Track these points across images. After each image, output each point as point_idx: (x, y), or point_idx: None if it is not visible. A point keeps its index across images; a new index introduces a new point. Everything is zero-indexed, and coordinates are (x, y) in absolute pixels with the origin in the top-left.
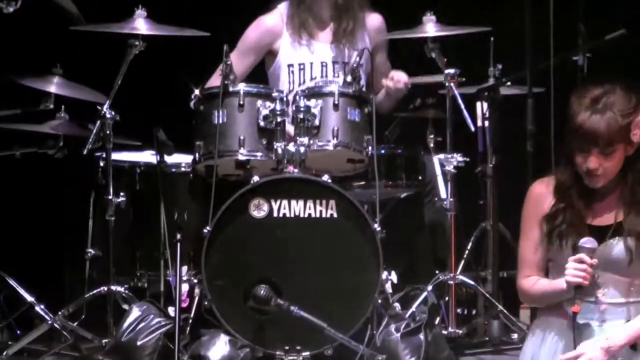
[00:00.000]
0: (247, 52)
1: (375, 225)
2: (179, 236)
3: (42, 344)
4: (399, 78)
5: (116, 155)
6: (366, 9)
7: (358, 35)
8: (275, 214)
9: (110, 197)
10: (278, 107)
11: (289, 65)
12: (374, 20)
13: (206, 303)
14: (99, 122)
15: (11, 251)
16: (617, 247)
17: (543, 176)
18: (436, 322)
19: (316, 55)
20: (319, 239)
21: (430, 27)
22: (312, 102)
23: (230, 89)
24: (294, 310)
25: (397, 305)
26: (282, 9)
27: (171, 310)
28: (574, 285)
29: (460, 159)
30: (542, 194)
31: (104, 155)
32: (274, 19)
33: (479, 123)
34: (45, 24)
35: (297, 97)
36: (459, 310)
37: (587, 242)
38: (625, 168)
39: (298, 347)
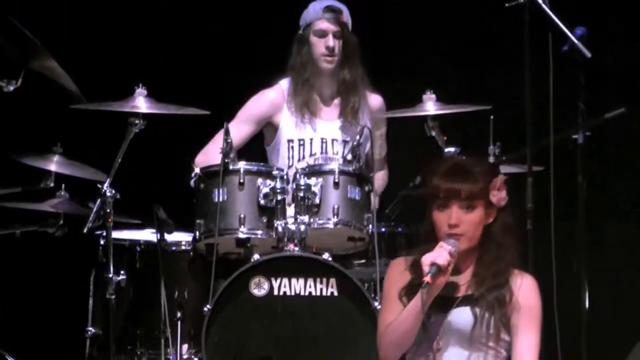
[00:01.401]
0: (246, 122)
1: (376, 304)
2: (179, 314)
3: None
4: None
5: (116, 234)
6: (368, 89)
7: (360, 115)
8: (275, 292)
9: (110, 275)
10: (278, 185)
11: (289, 141)
12: (375, 100)
13: None
14: (99, 200)
15: (12, 329)
16: (462, 316)
17: (544, 255)
18: None
19: (317, 132)
20: (320, 317)
21: (430, 106)
22: (312, 180)
23: (231, 167)
24: None
25: None
26: (283, 85)
27: None
28: (430, 262)
29: None
30: (401, 272)
31: (104, 234)
32: (276, 94)
33: None
34: (45, 102)
35: (298, 175)
36: None
37: (450, 240)
38: (482, 240)
39: None
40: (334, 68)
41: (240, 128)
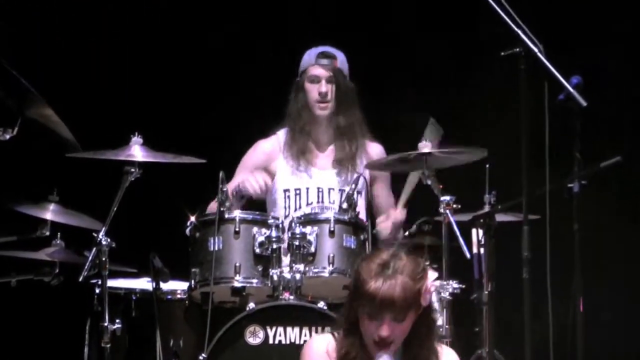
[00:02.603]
0: (245, 173)
1: None
2: None
3: None
4: (390, 220)
5: (112, 282)
6: (367, 137)
7: (358, 161)
8: (271, 341)
9: (106, 323)
10: (274, 233)
11: (285, 190)
12: (375, 149)
13: None
14: (94, 249)
15: None
16: None
17: (539, 304)
18: None
19: (313, 181)
20: None
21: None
22: (307, 229)
23: (226, 215)
24: None
25: None
26: (280, 135)
27: None
28: None
29: (456, 285)
30: (320, 355)
31: (100, 282)
32: (271, 144)
33: (475, 250)
34: (41, 151)
35: (293, 224)
36: None
37: (384, 357)
38: (408, 337)
39: None
40: (329, 114)
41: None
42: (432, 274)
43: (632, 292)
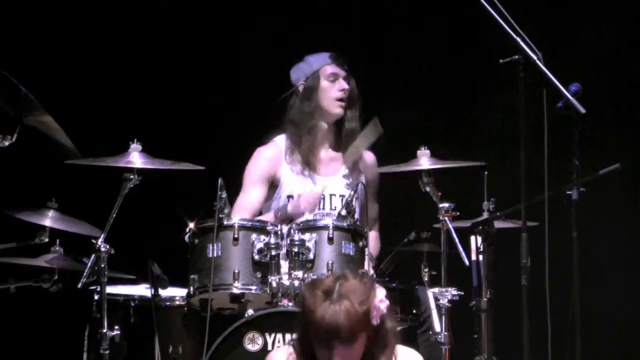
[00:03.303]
0: (257, 184)
1: None
2: None
3: None
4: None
5: (111, 289)
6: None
7: (357, 168)
8: (270, 348)
9: (104, 330)
10: (272, 240)
11: (289, 197)
12: (369, 157)
13: None
14: (93, 255)
15: None
16: None
17: (536, 309)
18: None
19: (315, 188)
20: None
21: (424, 161)
22: (306, 236)
23: (225, 222)
24: None
25: None
26: (279, 141)
27: None
28: None
29: (454, 292)
30: None
31: (99, 289)
32: (272, 151)
33: (473, 257)
34: (40, 158)
35: (292, 231)
36: None
37: None
38: (364, 356)
39: None
40: (342, 114)
41: (253, 192)
42: (380, 292)
43: (631, 299)
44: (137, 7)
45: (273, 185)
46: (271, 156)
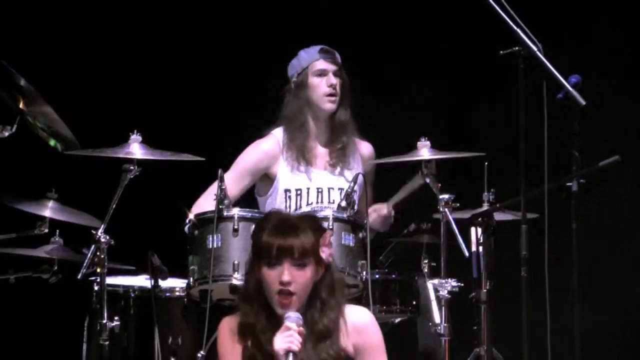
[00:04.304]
0: (243, 175)
1: None
2: None
3: None
4: (378, 214)
5: (110, 280)
6: (356, 135)
7: (352, 160)
8: None
9: (104, 321)
10: None
11: (286, 190)
12: (366, 148)
13: None
14: (93, 246)
15: None
16: None
17: (536, 302)
18: None
19: (313, 182)
20: None
21: (424, 152)
22: None
23: (225, 213)
24: None
25: None
26: (277, 134)
27: None
28: (285, 351)
29: (454, 284)
30: (226, 333)
31: (98, 280)
32: (271, 144)
33: (473, 248)
34: (40, 148)
35: None
36: None
37: (292, 315)
38: (311, 297)
39: None
40: (335, 108)
41: (237, 181)
42: (328, 233)
43: (630, 291)
44: None
45: (269, 179)
46: (268, 149)
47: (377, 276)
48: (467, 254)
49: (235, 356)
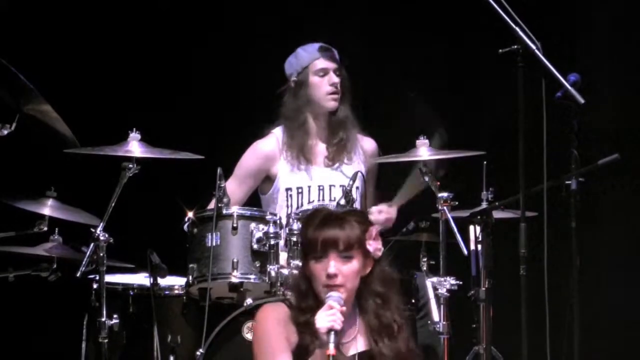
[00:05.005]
0: (246, 178)
1: None
2: (172, 359)
3: None
4: (383, 215)
5: (109, 278)
6: (358, 130)
7: (354, 155)
8: None
9: (103, 319)
10: (271, 229)
11: (287, 189)
12: (369, 144)
13: None
14: (92, 244)
15: None
16: None
17: (536, 301)
18: None
19: (314, 180)
20: None
21: (423, 151)
22: None
23: (224, 211)
24: None
25: None
26: (277, 133)
27: None
28: (327, 330)
29: (453, 282)
30: (280, 321)
31: (97, 278)
32: (270, 144)
33: (472, 247)
34: (39, 147)
35: (291, 220)
36: None
37: (334, 294)
38: (361, 292)
39: None
40: (337, 107)
41: (240, 185)
42: (374, 227)
43: (631, 288)
44: None
45: (270, 178)
46: (268, 150)
47: None
48: (466, 252)
49: (284, 342)
